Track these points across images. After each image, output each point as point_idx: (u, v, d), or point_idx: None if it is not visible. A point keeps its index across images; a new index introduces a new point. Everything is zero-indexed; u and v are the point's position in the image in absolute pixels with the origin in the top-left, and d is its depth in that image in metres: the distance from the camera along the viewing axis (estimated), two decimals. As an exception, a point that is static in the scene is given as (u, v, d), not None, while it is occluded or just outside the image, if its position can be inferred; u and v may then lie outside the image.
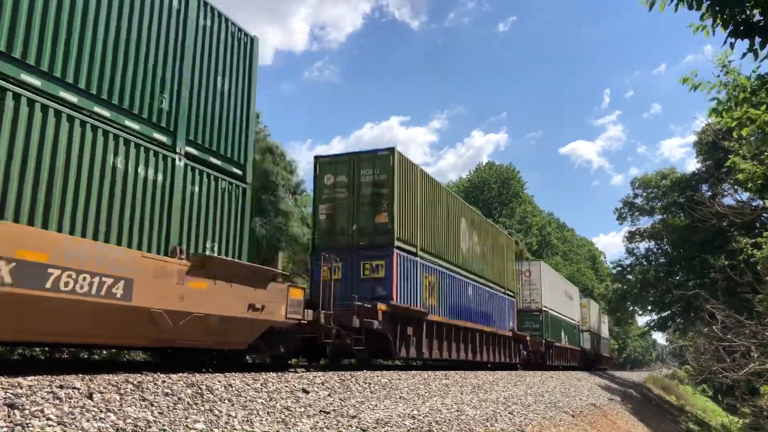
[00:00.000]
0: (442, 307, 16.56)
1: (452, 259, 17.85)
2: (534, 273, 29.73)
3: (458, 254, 18.38)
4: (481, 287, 20.46)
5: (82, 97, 6.76)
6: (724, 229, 29.70)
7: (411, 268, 14.61)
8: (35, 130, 6.08)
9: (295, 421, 6.62)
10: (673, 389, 49.19)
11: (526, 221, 58.68)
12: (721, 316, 16.15)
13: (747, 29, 5.63)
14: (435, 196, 16.86)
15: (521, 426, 10.65)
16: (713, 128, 26.80)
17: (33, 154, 6.05)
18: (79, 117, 6.61)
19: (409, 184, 15.01)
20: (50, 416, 4.64)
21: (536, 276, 29.59)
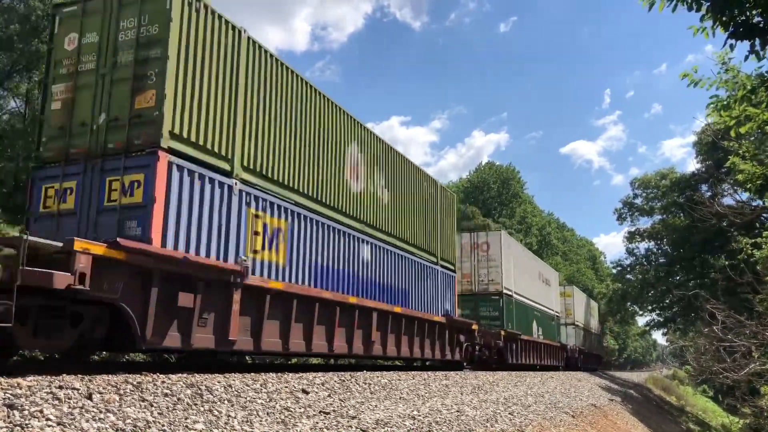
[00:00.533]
0: (298, 269, 10.54)
1: (328, 200, 11.63)
2: (493, 246, 22.96)
3: (343, 195, 12.20)
4: (389, 249, 14.03)
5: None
6: (724, 229, 29.69)
7: (212, 195, 8.65)
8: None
9: (294, 421, 6.62)
10: (674, 390, 49.18)
11: (526, 221, 58.66)
12: (722, 316, 16.15)
13: (747, 31, 5.62)
14: (287, 92, 10.60)
15: (521, 426, 10.65)
16: (713, 128, 26.80)
17: None
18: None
19: (214, 50, 8.87)
20: (50, 417, 4.64)
21: (496, 250, 22.83)
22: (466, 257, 23.07)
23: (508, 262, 24.09)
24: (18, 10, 20.75)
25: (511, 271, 24.40)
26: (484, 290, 22.93)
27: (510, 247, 24.95)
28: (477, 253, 23.22)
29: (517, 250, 26.68)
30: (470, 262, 23.13)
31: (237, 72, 9.32)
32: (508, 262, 23.94)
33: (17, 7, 20.88)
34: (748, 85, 7.25)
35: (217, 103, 8.86)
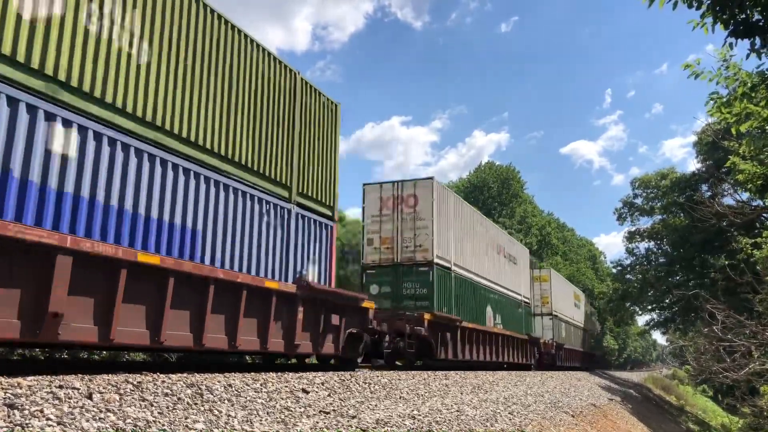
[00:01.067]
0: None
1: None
2: (423, 200, 17.12)
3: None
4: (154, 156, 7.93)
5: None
6: (724, 229, 29.69)
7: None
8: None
9: (294, 421, 6.62)
10: (673, 389, 49.18)
11: (526, 221, 58.66)
12: (721, 316, 16.15)
13: (747, 29, 5.62)
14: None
15: (521, 426, 10.65)
16: (713, 128, 26.81)
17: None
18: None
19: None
20: (50, 416, 4.64)
21: (426, 206, 17.02)
22: (388, 216, 17.39)
23: (445, 222, 17.92)
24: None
25: (450, 235, 18.13)
26: (410, 259, 16.94)
27: (448, 202, 18.41)
28: (401, 210, 17.21)
29: (462, 209, 19.81)
30: (393, 223, 17.26)
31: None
32: (444, 222, 17.79)
33: None
34: (748, 83, 7.26)
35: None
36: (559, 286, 36.05)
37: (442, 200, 17.85)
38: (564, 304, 36.69)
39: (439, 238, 17.23)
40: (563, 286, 37.90)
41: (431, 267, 16.57)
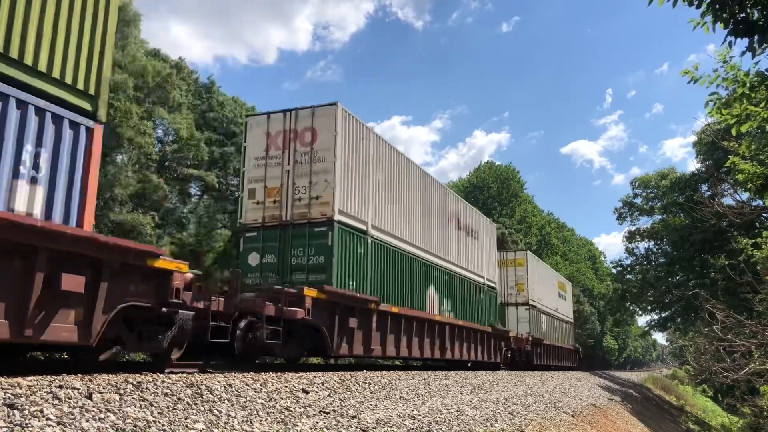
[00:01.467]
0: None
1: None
2: (323, 136, 12.76)
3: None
4: None
5: None
6: (724, 229, 29.70)
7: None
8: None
9: (294, 421, 6.61)
10: (673, 389, 49.18)
11: (526, 221, 58.68)
12: (721, 316, 16.14)
13: (747, 28, 5.62)
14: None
15: (521, 426, 10.65)
16: (713, 128, 26.81)
17: None
18: None
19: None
20: (50, 416, 4.64)
21: (326, 138, 12.71)
22: (276, 158, 12.87)
23: (358, 166, 13.29)
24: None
25: (367, 187, 13.60)
26: (302, 216, 12.36)
27: (365, 141, 13.77)
28: (294, 149, 12.72)
29: (391, 155, 15.07)
30: (282, 167, 12.79)
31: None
32: (356, 166, 13.19)
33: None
34: (747, 83, 7.26)
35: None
36: (539, 272, 31.23)
37: (352, 136, 13.13)
38: (545, 293, 31.95)
39: (347, 187, 12.64)
40: (544, 272, 33.08)
41: (330, 226, 11.97)
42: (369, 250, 13.46)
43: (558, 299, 35.95)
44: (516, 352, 24.83)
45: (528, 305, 28.41)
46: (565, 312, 38.30)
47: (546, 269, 34.53)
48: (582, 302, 60.92)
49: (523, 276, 28.82)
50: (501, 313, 26.35)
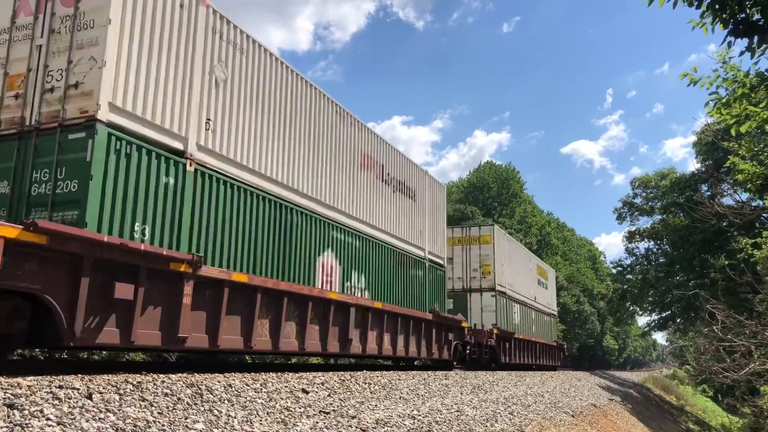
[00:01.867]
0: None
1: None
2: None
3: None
4: None
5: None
6: (724, 229, 29.70)
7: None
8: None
9: (294, 421, 6.61)
10: (673, 389, 49.17)
11: (526, 221, 58.67)
12: (721, 316, 16.15)
13: (746, 28, 5.62)
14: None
15: (521, 426, 10.64)
16: (713, 128, 26.82)
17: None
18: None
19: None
20: (50, 416, 4.64)
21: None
22: (25, 29, 8.37)
23: (157, 40, 8.51)
24: None
25: (173, 74, 8.75)
26: (54, 117, 7.79)
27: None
28: (52, 11, 8.20)
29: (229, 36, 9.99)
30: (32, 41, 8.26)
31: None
32: (154, 39, 8.48)
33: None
34: (747, 84, 7.27)
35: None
36: (510, 252, 26.10)
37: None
38: (519, 278, 26.99)
39: (138, 70, 8.11)
40: (517, 253, 27.89)
41: (91, 131, 7.41)
42: (190, 184, 8.72)
43: (537, 287, 30.92)
44: (476, 347, 20.22)
45: (495, 291, 23.11)
46: (547, 302, 33.01)
47: (520, 250, 29.07)
48: (582, 302, 60.92)
49: (489, 256, 23.45)
50: (462, 300, 22.70)
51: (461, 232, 24.09)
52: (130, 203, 7.77)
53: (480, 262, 23.55)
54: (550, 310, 34.24)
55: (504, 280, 24.42)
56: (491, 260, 23.50)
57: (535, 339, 28.95)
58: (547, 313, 32.81)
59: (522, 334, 26.26)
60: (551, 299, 35.09)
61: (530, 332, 28.22)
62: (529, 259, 30.07)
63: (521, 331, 26.23)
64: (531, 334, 28.21)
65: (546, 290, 33.31)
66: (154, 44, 8.39)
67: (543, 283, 32.73)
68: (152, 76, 8.30)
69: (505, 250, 25.17)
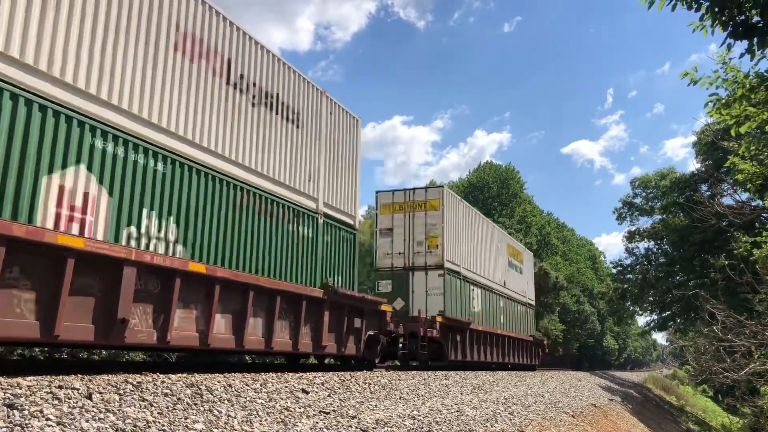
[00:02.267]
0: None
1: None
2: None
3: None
4: None
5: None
6: (724, 229, 29.69)
7: None
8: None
9: (294, 421, 6.62)
10: (674, 389, 49.18)
11: (526, 221, 58.67)
12: (721, 316, 16.14)
13: (746, 30, 5.63)
14: None
15: (521, 426, 10.65)
16: (713, 128, 26.81)
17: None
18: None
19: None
20: (49, 416, 4.64)
21: None
22: None
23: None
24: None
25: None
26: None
27: None
28: None
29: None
30: None
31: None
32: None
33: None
34: (747, 84, 7.27)
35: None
36: (467, 223, 21.11)
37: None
38: (480, 256, 22.11)
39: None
40: (478, 224, 22.51)
41: None
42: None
43: (508, 270, 26.05)
44: (412, 339, 16.11)
45: (443, 269, 18.43)
46: (521, 289, 27.87)
47: (481, 222, 23.29)
48: (582, 302, 60.92)
49: (438, 225, 18.74)
50: (403, 281, 18.51)
51: (403, 196, 19.35)
52: None
53: (426, 233, 18.87)
54: (526, 299, 28.93)
55: (457, 256, 19.70)
56: (440, 230, 18.77)
57: (503, 332, 23.74)
58: (521, 303, 27.69)
59: (483, 325, 21.29)
60: (527, 286, 29.68)
61: (496, 323, 23.26)
62: (496, 236, 25.00)
63: (483, 322, 21.42)
64: (498, 326, 23.31)
65: (521, 275, 28.27)
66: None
67: (516, 266, 27.66)
68: None
69: (458, 218, 20.30)
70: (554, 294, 49.86)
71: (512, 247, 27.67)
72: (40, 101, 6.84)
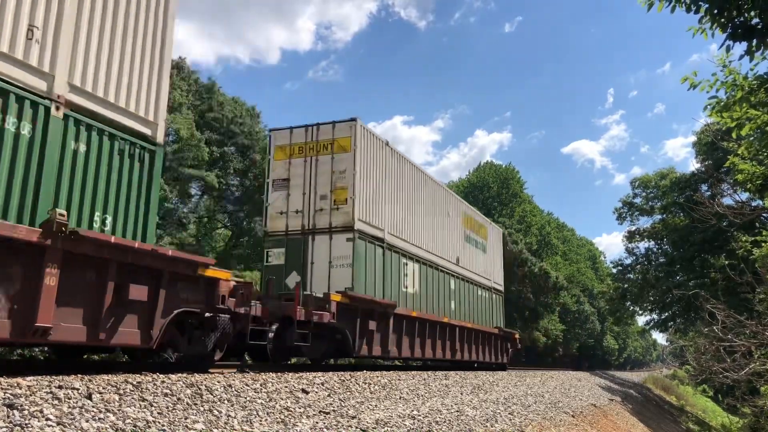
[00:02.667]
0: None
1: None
2: None
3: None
4: None
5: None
6: (724, 229, 29.69)
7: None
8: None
9: (294, 421, 6.62)
10: (674, 389, 49.20)
11: (526, 221, 58.70)
12: (722, 316, 16.14)
13: (745, 32, 5.63)
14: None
15: (521, 426, 10.66)
16: (712, 128, 26.81)
17: None
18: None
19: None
20: (49, 416, 4.65)
21: None
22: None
23: None
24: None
25: None
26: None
27: None
28: None
29: None
30: None
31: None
32: None
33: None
34: (746, 87, 7.28)
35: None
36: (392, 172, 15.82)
37: None
38: (418, 220, 17.07)
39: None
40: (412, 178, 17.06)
41: None
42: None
43: (465, 246, 20.84)
44: (288, 324, 10.87)
45: (353, 231, 13.60)
46: (484, 271, 22.75)
47: (420, 177, 17.60)
48: (582, 302, 60.93)
49: (347, 173, 13.94)
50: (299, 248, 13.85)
51: (305, 134, 14.48)
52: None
53: (332, 184, 13.91)
54: (492, 282, 23.59)
55: (378, 215, 14.74)
56: (349, 179, 13.74)
57: (455, 322, 18.26)
58: (484, 287, 22.46)
59: (421, 310, 16.15)
60: (493, 268, 24.28)
61: (444, 310, 18.14)
62: (444, 199, 19.43)
63: (421, 307, 16.47)
64: (447, 314, 18.16)
65: (483, 254, 22.97)
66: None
67: (477, 242, 22.33)
68: None
69: (381, 166, 15.13)
70: (554, 294, 49.87)
71: (472, 218, 22.38)
72: None
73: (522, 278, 42.95)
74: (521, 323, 43.30)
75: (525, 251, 44.26)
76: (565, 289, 55.12)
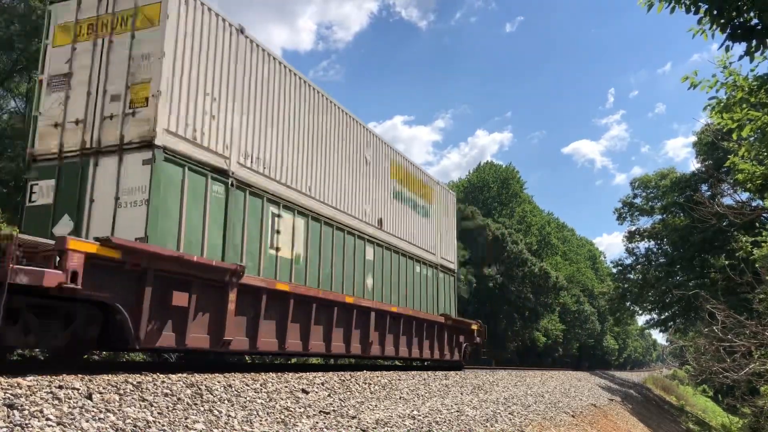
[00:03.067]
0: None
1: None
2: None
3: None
4: None
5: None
6: (724, 229, 29.69)
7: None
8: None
9: (294, 421, 6.63)
10: (674, 389, 49.22)
11: (526, 221, 58.71)
12: (722, 316, 16.14)
13: (744, 32, 5.63)
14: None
15: (521, 426, 10.66)
16: (713, 128, 26.80)
17: None
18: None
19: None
20: (49, 416, 4.65)
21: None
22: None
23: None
24: (18, 9, 20.52)
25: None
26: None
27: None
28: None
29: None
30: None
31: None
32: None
33: (17, 7, 20.56)
34: (746, 87, 7.28)
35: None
36: (248, 77, 10.53)
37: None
38: (295, 154, 11.76)
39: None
40: (289, 88, 11.92)
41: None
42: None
43: (395, 205, 16.10)
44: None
45: (154, 147, 8.47)
46: (426, 243, 17.79)
47: (301, 88, 12.40)
48: (582, 302, 60.92)
49: (153, 59, 8.80)
50: (75, 178, 8.99)
51: (96, 5, 9.51)
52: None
53: (130, 76, 8.96)
54: (438, 258, 18.63)
55: (212, 131, 9.69)
56: (155, 68, 8.79)
57: (370, 303, 13.14)
58: (426, 262, 17.62)
59: (299, 284, 11.27)
60: (442, 241, 19.16)
61: (355, 288, 13.49)
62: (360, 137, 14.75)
63: (309, 281, 11.78)
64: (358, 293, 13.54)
65: (425, 219, 18.02)
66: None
67: (417, 205, 17.57)
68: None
69: (219, 55, 9.95)
70: (554, 294, 49.88)
71: (408, 172, 17.18)
72: None
73: (522, 278, 42.97)
74: (521, 323, 43.29)
75: (525, 251, 44.21)
76: (565, 289, 55.13)
